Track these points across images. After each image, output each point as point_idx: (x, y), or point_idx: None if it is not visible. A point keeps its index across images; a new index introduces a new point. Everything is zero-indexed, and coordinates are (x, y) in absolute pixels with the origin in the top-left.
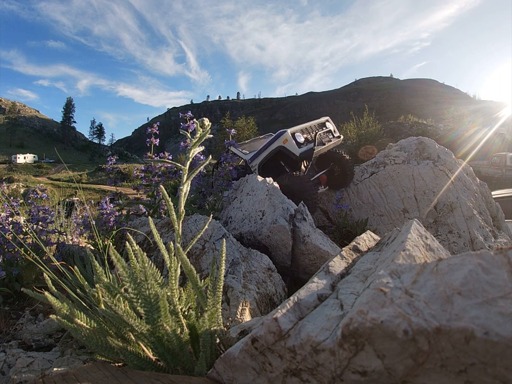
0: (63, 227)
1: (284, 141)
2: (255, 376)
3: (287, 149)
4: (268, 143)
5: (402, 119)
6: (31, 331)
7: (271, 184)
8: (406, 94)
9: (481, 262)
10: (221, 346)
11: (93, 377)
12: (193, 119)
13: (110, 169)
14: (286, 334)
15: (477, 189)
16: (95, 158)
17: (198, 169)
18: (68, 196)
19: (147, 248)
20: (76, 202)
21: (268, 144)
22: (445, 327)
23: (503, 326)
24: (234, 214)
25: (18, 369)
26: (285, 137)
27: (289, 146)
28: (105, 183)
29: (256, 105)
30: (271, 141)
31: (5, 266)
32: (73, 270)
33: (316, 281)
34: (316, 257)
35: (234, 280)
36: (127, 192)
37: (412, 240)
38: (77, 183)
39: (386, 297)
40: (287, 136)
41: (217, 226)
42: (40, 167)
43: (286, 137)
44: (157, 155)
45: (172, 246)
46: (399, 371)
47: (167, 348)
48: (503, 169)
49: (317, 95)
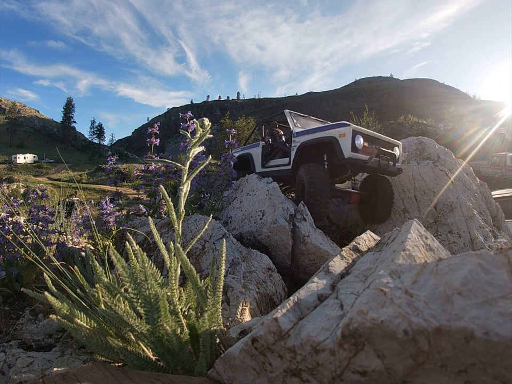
0: (63, 227)
1: (340, 135)
2: (255, 376)
3: (338, 144)
4: (323, 127)
5: (402, 119)
6: (31, 331)
7: (271, 184)
8: (406, 94)
9: (481, 262)
10: (221, 346)
11: (93, 377)
12: (193, 119)
13: (110, 169)
14: (286, 334)
15: (477, 189)
16: (95, 158)
17: (198, 169)
18: (68, 196)
19: (147, 248)
20: (76, 202)
21: (322, 128)
22: (445, 327)
23: (503, 326)
24: (234, 214)
25: (18, 369)
26: (344, 131)
27: (342, 143)
28: (105, 183)
29: (256, 105)
30: (327, 127)
31: (5, 266)
32: (73, 270)
33: (315, 281)
34: (316, 257)
35: (234, 280)
36: (127, 192)
37: (412, 240)
38: (77, 183)
39: (386, 297)
40: (347, 131)
41: (217, 226)
42: (40, 167)
43: (345, 131)
44: (157, 155)
45: (172, 246)
46: (399, 371)
47: (167, 347)
48: (503, 169)
49: (317, 95)
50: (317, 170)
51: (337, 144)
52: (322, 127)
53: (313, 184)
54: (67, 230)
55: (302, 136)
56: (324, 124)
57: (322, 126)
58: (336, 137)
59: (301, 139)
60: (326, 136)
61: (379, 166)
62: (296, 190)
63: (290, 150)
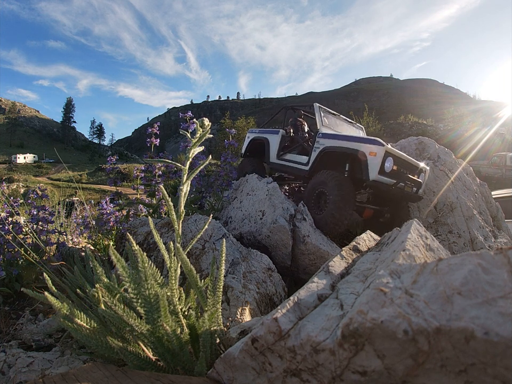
0: (63, 227)
1: (371, 153)
2: (255, 376)
3: (366, 163)
4: (353, 138)
5: (402, 119)
6: (31, 331)
7: (271, 184)
8: (406, 94)
9: (481, 262)
10: (221, 346)
11: (93, 377)
12: (193, 119)
13: (110, 169)
14: (286, 334)
15: (477, 189)
16: (95, 158)
17: (198, 169)
18: (68, 196)
19: (147, 248)
20: (76, 202)
21: (352, 138)
22: (445, 327)
23: (503, 326)
24: (234, 214)
25: (18, 369)
26: (376, 150)
27: (371, 163)
28: (105, 183)
29: (256, 105)
30: (358, 139)
31: (5, 266)
32: (73, 270)
33: (316, 281)
34: (316, 257)
35: (234, 280)
36: (127, 192)
37: (412, 240)
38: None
39: (386, 297)
40: (379, 151)
41: (217, 226)
42: (40, 167)
43: (377, 151)
44: (157, 155)
45: (172, 246)
46: (399, 371)
47: (167, 347)
48: (503, 169)
49: (317, 95)
50: (345, 180)
51: (365, 162)
52: (352, 137)
53: (339, 195)
54: (67, 230)
55: (328, 140)
56: (352, 125)
57: (352, 136)
58: (365, 154)
59: (326, 142)
60: (355, 149)
61: (402, 192)
62: (309, 193)
63: (312, 150)
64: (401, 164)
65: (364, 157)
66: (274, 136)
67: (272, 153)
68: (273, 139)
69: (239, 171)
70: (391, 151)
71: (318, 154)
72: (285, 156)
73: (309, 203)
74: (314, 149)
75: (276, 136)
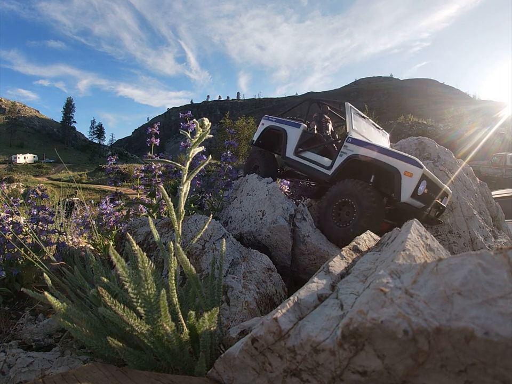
0: (63, 227)
1: (406, 172)
2: (255, 376)
3: (399, 182)
4: (388, 151)
5: (402, 119)
6: (31, 331)
7: (271, 184)
8: (406, 94)
9: (481, 262)
10: (221, 346)
11: (93, 377)
12: (193, 119)
13: (110, 169)
14: (286, 334)
15: (477, 189)
16: (95, 158)
17: (198, 169)
18: (68, 196)
19: (147, 248)
20: (76, 202)
21: (387, 152)
22: (445, 327)
23: (503, 326)
24: (234, 214)
25: (18, 369)
26: (413, 171)
27: (405, 183)
28: (105, 183)
29: (256, 105)
30: (394, 154)
31: (5, 266)
32: (73, 270)
33: (316, 281)
34: (316, 257)
35: (234, 280)
36: (127, 192)
37: (412, 240)
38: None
39: (386, 297)
40: (416, 173)
41: (217, 226)
42: (40, 167)
43: (414, 172)
44: (157, 155)
45: (172, 246)
46: (399, 371)
47: (167, 347)
48: (503, 169)
49: (317, 95)
50: (376, 194)
51: (398, 182)
52: (387, 150)
53: (371, 208)
54: (67, 230)
55: (358, 147)
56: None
57: (388, 150)
58: (400, 173)
59: (355, 149)
60: (389, 165)
61: (426, 217)
62: (329, 202)
63: (337, 154)
64: (432, 187)
65: (397, 175)
66: (294, 129)
67: (290, 148)
68: (292, 132)
69: (248, 164)
70: (427, 174)
71: (345, 160)
72: (303, 153)
73: (327, 212)
74: (340, 153)
75: (296, 130)
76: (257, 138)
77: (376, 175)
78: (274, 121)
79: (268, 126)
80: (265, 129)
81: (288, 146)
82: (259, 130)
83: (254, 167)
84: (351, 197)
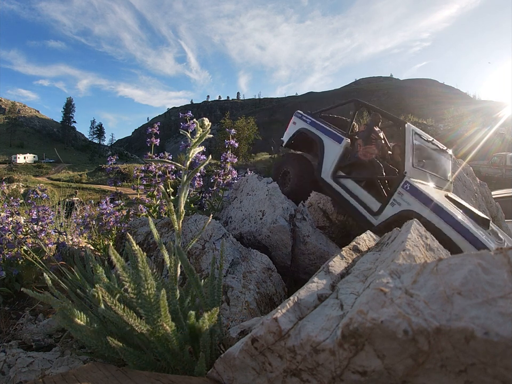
0: (63, 227)
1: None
2: (255, 376)
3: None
4: (456, 224)
5: (402, 119)
6: (31, 331)
7: (271, 184)
8: (406, 94)
9: (481, 262)
10: (221, 346)
11: (93, 377)
12: (193, 119)
13: (110, 169)
14: (286, 334)
15: (477, 189)
16: (95, 158)
17: (198, 169)
18: (68, 195)
19: (147, 248)
20: (76, 202)
21: (452, 222)
22: (445, 327)
23: (503, 326)
24: (234, 214)
25: (18, 369)
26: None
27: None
28: (105, 183)
29: (256, 105)
30: (463, 230)
31: (5, 266)
32: (73, 270)
33: (315, 281)
34: (316, 257)
35: (234, 280)
36: (127, 192)
37: (412, 240)
38: (77, 183)
39: (386, 297)
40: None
41: (217, 226)
42: (40, 167)
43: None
44: (157, 155)
45: (172, 246)
46: (399, 371)
47: (167, 347)
48: (503, 169)
49: (317, 95)
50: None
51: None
52: (456, 223)
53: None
54: (67, 230)
55: (415, 202)
56: (443, 153)
57: (456, 222)
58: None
59: (412, 204)
60: (454, 243)
61: None
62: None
63: (389, 201)
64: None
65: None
66: (333, 144)
67: (326, 166)
68: (331, 146)
69: (276, 169)
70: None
71: (397, 214)
72: (344, 181)
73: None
74: (392, 202)
75: (336, 145)
76: (288, 140)
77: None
78: (309, 123)
79: (300, 128)
80: (297, 132)
81: (325, 163)
82: (290, 130)
83: (284, 172)
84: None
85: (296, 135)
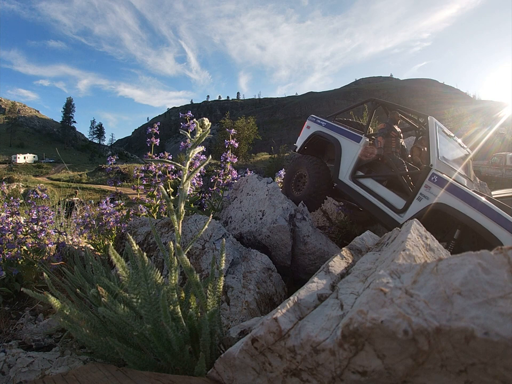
0: (63, 227)
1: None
2: (255, 376)
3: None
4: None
5: None
6: (31, 331)
7: (271, 184)
8: (406, 94)
9: (481, 262)
10: (221, 346)
11: (93, 377)
12: (193, 119)
13: (110, 169)
14: (286, 334)
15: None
16: (95, 158)
17: (198, 169)
18: (68, 195)
19: (147, 248)
20: (76, 202)
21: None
22: (445, 327)
23: (503, 326)
24: (234, 214)
25: (18, 369)
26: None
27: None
28: (105, 183)
29: (256, 105)
30: (499, 218)
31: (5, 266)
32: (73, 270)
33: (316, 281)
34: (316, 257)
35: (234, 280)
36: (127, 192)
37: (412, 240)
38: (77, 183)
39: (386, 297)
40: None
41: (217, 226)
42: (40, 167)
43: None
44: (157, 155)
45: (172, 245)
46: (399, 371)
47: (167, 347)
48: (503, 169)
49: (317, 95)
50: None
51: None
52: (491, 211)
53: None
54: (67, 230)
55: (445, 194)
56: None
57: (491, 210)
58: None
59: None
60: (491, 234)
61: None
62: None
63: (415, 195)
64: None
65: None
66: (351, 144)
67: (344, 168)
68: (349, 146)
69: (290, 172)
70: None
71: (425, 209)
72: (363, 180)
73: None
74: (419, 196)
75: (354, 145)
76: (301, 145)
77: (462, 231)
78: (324, 126)
79: (315, 131)
80: (312, 135)
81: (342, 166)
82: (304, 135)
83: (298, 176)
84: None
85: (310, 139)
